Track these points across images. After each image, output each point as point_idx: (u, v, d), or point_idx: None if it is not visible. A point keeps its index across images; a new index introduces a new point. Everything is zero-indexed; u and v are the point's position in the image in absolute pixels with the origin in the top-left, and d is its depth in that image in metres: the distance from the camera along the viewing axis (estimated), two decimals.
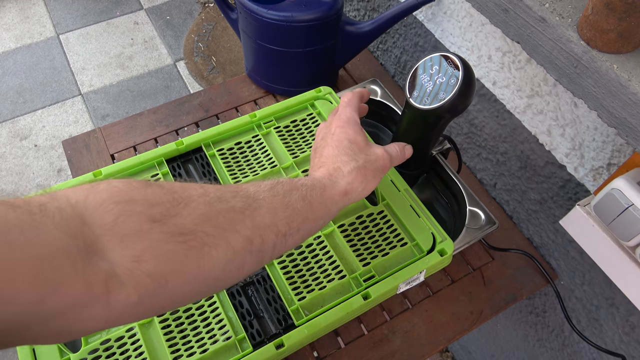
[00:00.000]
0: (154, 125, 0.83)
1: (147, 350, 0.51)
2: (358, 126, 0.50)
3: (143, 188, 0.32)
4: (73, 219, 0.27)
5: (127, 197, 0.30)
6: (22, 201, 0.26)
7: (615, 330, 0.66)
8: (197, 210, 0.33)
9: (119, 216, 0.29)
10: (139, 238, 0.29)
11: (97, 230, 0.28)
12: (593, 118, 0.56)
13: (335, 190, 0.44)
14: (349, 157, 0.46)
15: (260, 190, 0.39)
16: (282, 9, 0.72)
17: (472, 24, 0.69)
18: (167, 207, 0.31)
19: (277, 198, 0.39)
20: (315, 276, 0.56)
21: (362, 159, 0.47)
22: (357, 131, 0.49)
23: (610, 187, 0.47)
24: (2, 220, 0.24)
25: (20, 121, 1.83)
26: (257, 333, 0.53)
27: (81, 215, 0.28)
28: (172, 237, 0.31)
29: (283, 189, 0.40)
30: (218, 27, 2.11)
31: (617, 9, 0.42)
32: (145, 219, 0.30)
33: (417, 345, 0.62)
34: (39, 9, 2.19)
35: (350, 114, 0.51)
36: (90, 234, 0.28)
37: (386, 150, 0.50)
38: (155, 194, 0.32)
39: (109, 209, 0.29)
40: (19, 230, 0.24)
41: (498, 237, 0.73)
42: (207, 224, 0.33)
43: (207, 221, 0.33)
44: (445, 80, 0.51)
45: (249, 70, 0.88)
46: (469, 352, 1.20)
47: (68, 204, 0.28)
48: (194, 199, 0.33)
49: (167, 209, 0.31)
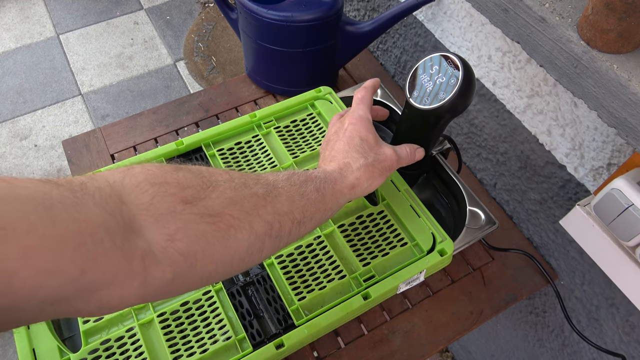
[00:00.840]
0: (154, 125, 0.83)
1: (147, 350, 0.51)
2: (370, 124, 0.51)
3: (175, 171, 0.34)
4: (112, 198, 0.29)
5: (161, 179, 0.32)
6: (64, 180, 0.28)
7: (615, 330, 0.66)
8: (225, 194, 0.35)
9: (154, 197, 0.31)
10: (173, 218, 0.31)
11: (134, 209, 0.29)
12: (593, 118, 0.56)
13: (344, 184, 0.46)
14: (359, 154, 0.48)
15: (278, 179, 0.41)
16: (282, 9, 0.72)
17: (472, 24, 0.69)
18: (198, 190, 0.33)
19: (294, 188, 0.41)
20: (315, 276, 0.56)
21: (371, 157, 0.49)
22: (368, 129, 0.50)
23: (610, 187, 0.47)
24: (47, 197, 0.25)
25: (20, 121, 1.83)
26: (257, 333, 0.53)
27: (119, 195, 0.29)
28: (202, 218, 0.32)
29: (299, 179, 0.42)
30: (218, 27, 2.11)
31: (617, 9, 0.42)
32: (179, 200, 0.32)
33: (417, 345, 0.62)
34: (39, 9, 2.19)
35: (363, 112, 0.52)
36: (128, 213, 0.29)
37: (396, 151, 0.51)
38: (186, 177, 0.34)
39: (145, 190, 0.31)
40: (62, 206, 0.26)
41: (498, 237, 0.73)
42: (233, 207, 0.35)
43: (233, 205, 0.35)
44: (445, 80, 0.51)
45: (249, 70, 0.88)
46: (469, 352, 1.20)
47: (107, 183, 0.30)
48: (221, 183, 0.35)
49: (197, 192, 0.33)
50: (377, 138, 0.51)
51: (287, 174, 0.42)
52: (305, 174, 0.44)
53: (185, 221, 0.31)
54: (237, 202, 0.35)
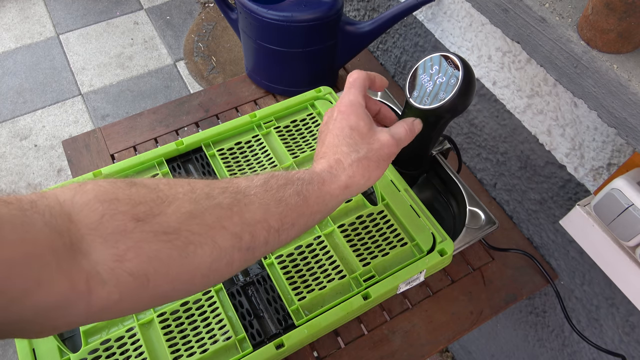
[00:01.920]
0: (154, 125, 0.83)
1: (147, 350, 0.51)
2: (361, 109, 0.45)
3: (128, 187, 0.32)
4: (61, 217, 0.28)
5: (112, 196, 0.30)
6: (14, 198, 0.27)
7: (615, 330, 0.66)
8: (182, 208, 0.33)
9: (104, 215, 0.29)
10: (122, 237, 0.29)
11: (82, 229, 0.29)
12: (593, 118, 0.56)
13: (334, 185, 0.42)
14: (350, 148, 0.43)
15: (252, 185, 0.38)
16: (282, 9, 0.72)
17: (472, 24, 0.69)
18: (151, 206, 0.31)
19: (270, 193, 0.38)
20: (315, 276, 0.56)
21: (364, 149, 0.43)
22: (359, 116, 0.45)
23: (610, 187, 0.47)
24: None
25: (20, 121, 1.82)
26: (257, 333, 0.53)
27: (68, 214, 0.29)
28: (156, 236, 0.31)
29: (277, 183, 0.39)
30: (218, 27, 2.11)
31: (617, 9, 0.42)
32: (129, 218, 0.30)
33: (417, 345, 0.62)
34: (39, 9, 2.19)
35: (353, 97, 0.46)
36: (77, 232, 0.28)
37: (392, 134, 0.45)
38: (139, 192, 0.32)
39: (94, 209, 0.29)
40: (11, 227, 0.25)
41: (498, 237, 0.73)
42: (192, 222, 0.32)
43: (192, 219, 0.33)
44: (445, 80, 0.51)
45: (249, 70, 0.88)
46: (469, 352, 1.20)
47: (57, 202, 0.29)
48: (179, 196, 0.33)
49: (150, 208, 0.31)
50: (370, 124, 0.45)
51: (264, 177, 0.39)
52: (286, 176, 0.40)
53: (136, 240, 0.30)
54: (196, 215, 0.33)
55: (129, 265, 0.29)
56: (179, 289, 0.33)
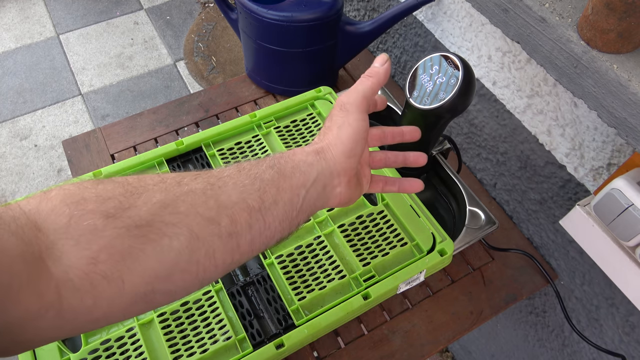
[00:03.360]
0: (154, 125, 0.83)
1: (147, 350, 0.51)
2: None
3: (94, 186, 0.30)
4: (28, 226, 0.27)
5: (78, 197, 0.29)
6: None
7: (615, 330, 0.66)
8: (153, 198, 0.31)
9: (72, 217, 0.28)
10: (94, 237, 0.28)
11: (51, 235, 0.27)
12: (593, 118, 0.56)
13: (305, 151, 0.40)
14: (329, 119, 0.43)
15: (225, 169, 0.36)
16: (282, 9, 0.72)
17: (472, 24, 0.69)
18: (120, 200, 0.30)
19: (243, 173, 0.36)
20: (315, 276, 0.56)
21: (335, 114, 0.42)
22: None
23: (610, 187, 0.47)
24: None
25: (20, 121, 1.82)
26: (257, 333, 0.53)
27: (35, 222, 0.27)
28: (128, 231, 0.29)
29: (250, 164, 0.37)
30: (218, 27, 2.11)
31: (617, 9, 0.42)
32: (99, 216, 0.28)
33: (417, 345, 0.62)
34: (39, 9, 2.19)
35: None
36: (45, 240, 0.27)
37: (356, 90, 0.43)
38: (106, 189, 0.30)
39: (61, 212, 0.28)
40: None
41: (498, 237, 0.73)
42: (164, 211, 0.30)
43: (164, 209, 0.30)
44: (445, 80, 0.51)
45: (249, 70, 0.88)
46: (469, 352, 1.20)
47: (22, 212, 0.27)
48: (149, 187, 0.31)
49: (120, 202, 0.29)
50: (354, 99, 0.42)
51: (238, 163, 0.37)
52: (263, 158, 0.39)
53: (109, 238, 0.28)
54: (168, 204, 0.31)
55: (102, 267, 0.28)
56: (161, 289, 0.31)
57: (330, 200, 0.41)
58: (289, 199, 0.37)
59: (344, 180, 0.41)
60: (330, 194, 0.41)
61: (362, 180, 0.45)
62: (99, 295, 0.28)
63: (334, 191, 0.41)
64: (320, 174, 0.39)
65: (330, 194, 0.41)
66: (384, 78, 0.45)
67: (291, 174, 0.38)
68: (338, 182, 0.41)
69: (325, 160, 0.40)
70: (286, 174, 0.37)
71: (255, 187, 0.35)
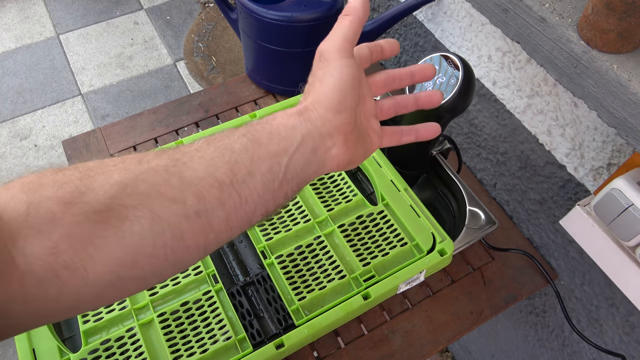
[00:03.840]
0: (154, 125, 0.83)
1: (147, 350, 0.51)
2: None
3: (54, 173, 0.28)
4: None
5: (35, 185, 0.27)
6: None
7: (615, 330, 0.66)
8: (110, 179, 0.28)
9: (30, 205, 0.26)
10: (53, 225, 0.26)
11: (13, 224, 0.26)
12: (593, 118, 0.56)
13: (287, 113, 0.35)
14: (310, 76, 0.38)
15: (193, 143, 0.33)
16: (282, 9, 0.72)
17: (472, 24, 0.69)
18: (77, 184, 0.28)
19: (212, 145, 0.32)
20: (315, 276, 0.56)
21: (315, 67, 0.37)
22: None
23: (610, 187, 0.47)
24: None
25: (20, 121, 1.82)
26: (257, 333, 0.53)
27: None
28: (87, 218, 0.27)
29: (223, 133, 0.33)
30: (218, 27, 2.11)
31: (617, 9, 0.42)
32: (56, 202, 0.27)
33: (417, 345, 0.62)
34: (39, 9, 2.19)
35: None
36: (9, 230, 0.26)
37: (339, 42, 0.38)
38: (65, 174, 0.28)
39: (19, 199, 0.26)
40: None
41: (498, 237, 0.73)
42: (123, 193, 0.28)
43: (122, 190, 0.28)
44: (445, 80, 0.51)
45: (249, 70, 0.88)
46: (469, 352, 1.20)
47: None
48: (108, 169, 0.29)
49: (76, 187, 0.28)
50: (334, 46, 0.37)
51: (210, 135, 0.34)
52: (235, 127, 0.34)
53: (68, 226, 0.26)
54: (127, 185, 0.29)
55: (64, 257, 0.26)
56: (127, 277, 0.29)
57: (326, 164, 0.36)
58: (268, 168, 0.33)
59: (339, 139, 0.36)
60: (325, 157, 0.36)
61: (367, 136, 0.39)
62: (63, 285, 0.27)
63: (328, 153, 0.36)
64: (306, 137, 0.34)
65: (325, 157, 0.36)
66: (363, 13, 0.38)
67: (268, 141, 0.33)
68: (332, 143, 0.35)
69: (309, 120, 0.35)
70: (262, 142, 0.33)
71: (225, 159, 0.32)
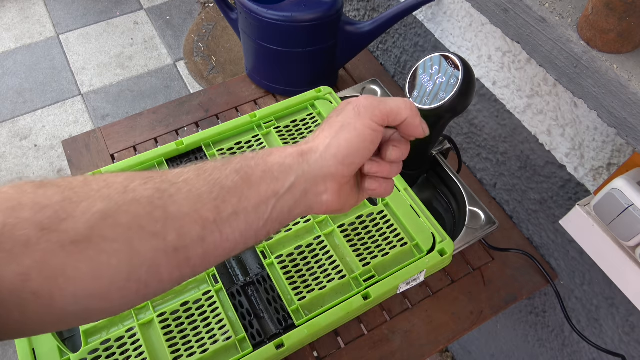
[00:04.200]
0: (154, 125, 0.83)
1: (147, 350, 0.51)
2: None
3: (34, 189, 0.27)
4: None
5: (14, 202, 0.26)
6: None
7: (615, 330, 0.66)
8: (93, 207, 0.27)
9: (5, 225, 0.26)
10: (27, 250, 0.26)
11: None
12: (593, 118, 0.56)
13: (286, 151, 0.34)
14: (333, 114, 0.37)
15: (184, 171, 0.31)
16: (282, 9, 0.72)
17: (472, 24, 0.69)
18: (57, 209, 0.27)
19: (203, 177, 0.31)
20: (315, 276, 0.56)
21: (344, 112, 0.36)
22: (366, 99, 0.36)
23: (610, 187, 0.47)
24: None
25: (20, 121, 1.82)
26: (257, 333, 0.53)
27: None
28: (63, 248, 0.26)
29: (215, 165, 0.32)
30: (218, 27, 2.11)
31: (617, 9, 0.42)
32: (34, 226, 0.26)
33: (417, 345, 0.62)
34: (39, 9, 2.19)
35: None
36: None
37: None
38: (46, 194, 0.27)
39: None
40: None
41: (498, 237, 0.73)
42: (103, 224, 0.27)
43: (103, 221, 0.27)
44: (445, 80, 0.51)
45: (249, 70, 0.88)
46: (469, 352, 1.20)
47: None
48: (92, 194, 0.28)
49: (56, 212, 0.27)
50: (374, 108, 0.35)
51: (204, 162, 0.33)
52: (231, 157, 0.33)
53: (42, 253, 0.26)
54: (109, 215, 0.28)
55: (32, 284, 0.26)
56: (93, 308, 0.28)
57: (314, 207, 0.36)
58: (254, 208, 0.32)
59: (333, 187, 0.35)
60: (314, 201, 0.35)
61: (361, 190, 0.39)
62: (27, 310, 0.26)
63: (318, 198, 0.35)
64: (300, 178, 0.34)
65: (314, 201, 0.35)
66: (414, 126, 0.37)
67: (259, 181, 0.32)
68: (324, 189, 0.35)
69: (308, 163, 0.34)
70: (253, 181, 0.32)
71: (213, 196, 0.31)
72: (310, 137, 0.36)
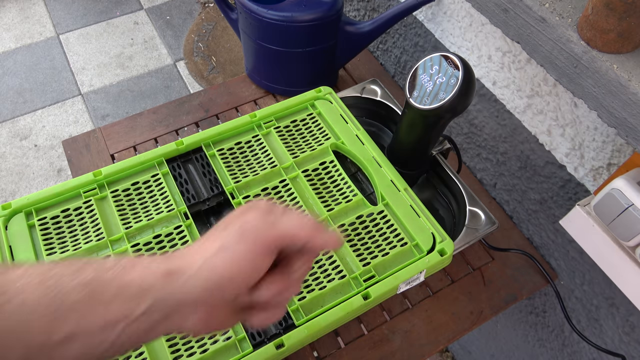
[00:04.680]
0: (154, 125, 0.83)
1: (147, 351, 0.51)
2: None
3: None
4: None
5: None
6: None
7: (615, 330, 0.66)
8: None
9: None
10: None
11: None
12: (593, 118, 0.56)
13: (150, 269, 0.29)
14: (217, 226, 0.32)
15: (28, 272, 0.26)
16: (282, 9, 0.72)
17: (472, 24, 0.69)
18: None
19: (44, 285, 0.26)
20: (315, 276, 0.56)
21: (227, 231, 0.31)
22: None
23: (610, 187, 0.47)
24: None
25: (20, 121, 1.82)
26: (257, 333, 0.53)
27: None
28: None
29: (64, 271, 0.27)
30: (218, 27, 2.11)
31: (617, 9, 0.42)
32: None
33: (417, 345, 0.62)
34: (39, 9, 2.19)
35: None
36: None
37: None
38: None
39: None
40: None
41: (498, 237, 0.73)
42: None
43: None
44: (445, 80, 0.51)
45: (249, 70, 0.88)
46: (469, 352, 1.20)
47: None
48: None
49: None
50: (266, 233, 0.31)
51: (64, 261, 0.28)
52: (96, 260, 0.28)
53: None
54: None
55: None
56: None
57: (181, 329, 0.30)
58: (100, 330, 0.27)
59: (202, 312, 0.30)
60: (178, 325, 0.30)
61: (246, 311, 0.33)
62: None
63: (184, 323, 0.30)
64: (158, 303, 0.28)
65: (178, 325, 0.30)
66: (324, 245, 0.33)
67: (111, 299, 0.27)
68: (192, 311, 0.30)
69: (173, 286, 0.29)
70: (102, 299, 0.27)
71: (50, 310, 0.25)
72: (185, 250, 0.31)
